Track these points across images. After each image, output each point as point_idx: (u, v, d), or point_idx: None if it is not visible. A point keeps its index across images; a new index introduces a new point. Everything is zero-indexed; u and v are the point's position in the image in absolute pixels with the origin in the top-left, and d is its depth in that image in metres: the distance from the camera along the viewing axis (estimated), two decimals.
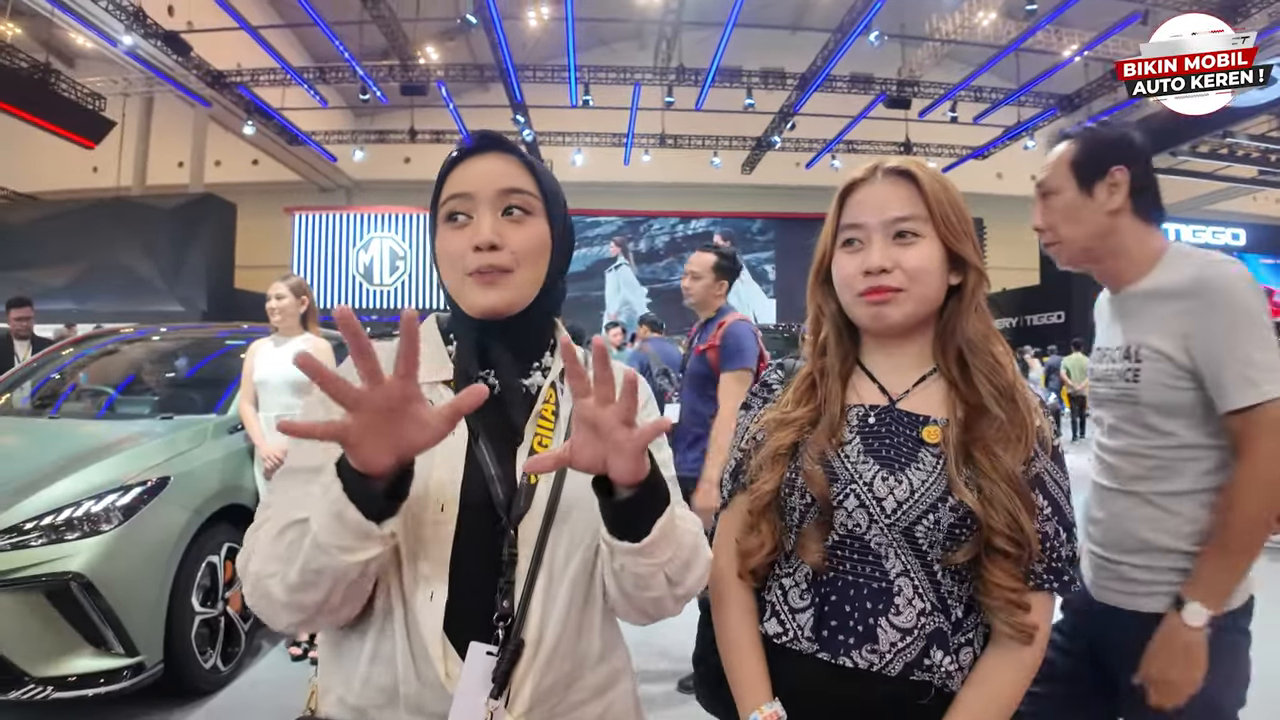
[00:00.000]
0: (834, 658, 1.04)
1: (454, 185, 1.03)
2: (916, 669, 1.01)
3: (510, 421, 1.00)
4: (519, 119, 20.52)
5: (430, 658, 0.90)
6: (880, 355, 1.15)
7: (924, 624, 1.02)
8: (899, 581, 1.03)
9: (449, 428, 0.80)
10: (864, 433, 1.09)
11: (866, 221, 1.09)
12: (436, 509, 0.92)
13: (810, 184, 25.17)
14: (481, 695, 0.89)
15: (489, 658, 0.90)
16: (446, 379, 1.02)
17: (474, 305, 1.00)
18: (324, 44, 18.68)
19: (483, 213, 1.00)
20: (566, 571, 0.97)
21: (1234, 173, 21.65)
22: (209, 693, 3.32)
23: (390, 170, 25.07)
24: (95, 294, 16.87)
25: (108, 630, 2.84)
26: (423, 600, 0.91)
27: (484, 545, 0.94)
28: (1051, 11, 16.22)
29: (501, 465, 0.97)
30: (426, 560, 0.92)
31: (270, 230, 22.62)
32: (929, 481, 1.03)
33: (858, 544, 1.05)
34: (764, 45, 20.23)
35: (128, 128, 19.51)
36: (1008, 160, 24.20)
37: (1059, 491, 1.07)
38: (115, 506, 3.00)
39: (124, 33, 15.12)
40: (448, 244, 1.01)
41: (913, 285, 1.07)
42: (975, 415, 1.05)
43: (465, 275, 0.99)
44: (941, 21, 19.29)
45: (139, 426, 3.71)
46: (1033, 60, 19.22)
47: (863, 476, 1.05)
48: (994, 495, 0.99)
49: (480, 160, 1.04)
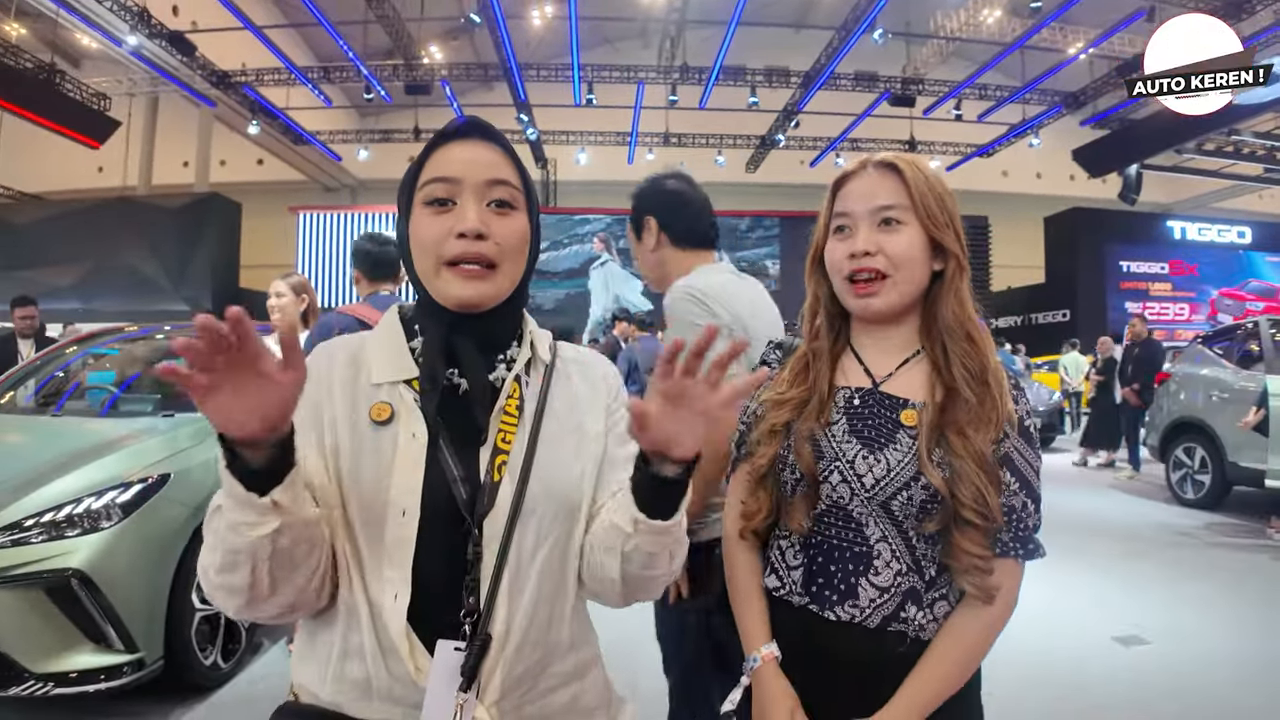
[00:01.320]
0: (821, 610, 1.15)
1: (438, 168, 1.01)
2: (893, 621, 1.13)
3: (474, 419, 0.99)
4: (523, 118, 20.54)
5: (399, 654, 0.91)
6: (868, 338, 1.24)
7: (900, 583, 1.13)
8: (878, 546, 1.14)
9: (292, 376, 0.78)
10: (849, 414, 1.18)
11: (854, 209, 1.19)
12: (398, 514, 0.93)
13: (815, 182, 25.12)
14: (451, 689, 0.91)
15: (457, 654, 0.92)
16: (409, 378, 1.01)
17: (451, 296, 0.98)
18: (328, 43, 18.73)
19: (468, 200, 0.99)
20: (533, 565, 0.97)
21: (1240, 170, 21.59)
22: (209, 689, 3.33)
23: (395, 169, 24.93)
24: (100, 293, 16.93)
25: (108, 627, 2.85)
26: (388, 600, 0.92)
27: (448, 545, 0.94)
28: (1056, 9, 16.18)
29: (464, 465, 0.97)
30: (390, 565, 0.93)
31: (275, 230, 22.67)
32: (904, 461, 1.13)
33: (841, 513, 1.16)
34: (768, 44, 20.22)
35: (133, 128, 19.58)
36: (1013, 158, 24.18)
37: (1027, 468, 1.15)
38: (116, 503, 3.00)
39: (129, 33, 15.17)
40: (426, 228, 0.99)
41: (896, 270, 1.16)
42: (951, 397, 1.14)
43: (442, 263, 0.98)
44: (946, 19, 19.26)
45: (140, 424, 3.71)
46: (1038, 58, 19.18)
47: (845, 455, 1.15)
48: (963, 472, 1.09)
49: (467, 146, 1.03)
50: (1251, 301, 20.53)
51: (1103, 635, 4.08)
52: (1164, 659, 3.83)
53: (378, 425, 0.97)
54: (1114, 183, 20.51)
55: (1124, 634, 4.11)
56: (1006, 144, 23.11)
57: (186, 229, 18.18)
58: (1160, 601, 4.69)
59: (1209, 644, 4.03)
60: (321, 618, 0.96)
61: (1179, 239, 21.19)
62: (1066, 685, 3.47)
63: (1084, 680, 3.47)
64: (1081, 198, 22.65)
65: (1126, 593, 4.75)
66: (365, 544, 0.93)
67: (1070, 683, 3.50)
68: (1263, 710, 3.30)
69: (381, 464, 0.94)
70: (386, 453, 0.95)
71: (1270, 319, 7.42)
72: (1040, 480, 1.18)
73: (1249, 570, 5.43)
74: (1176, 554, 5.88)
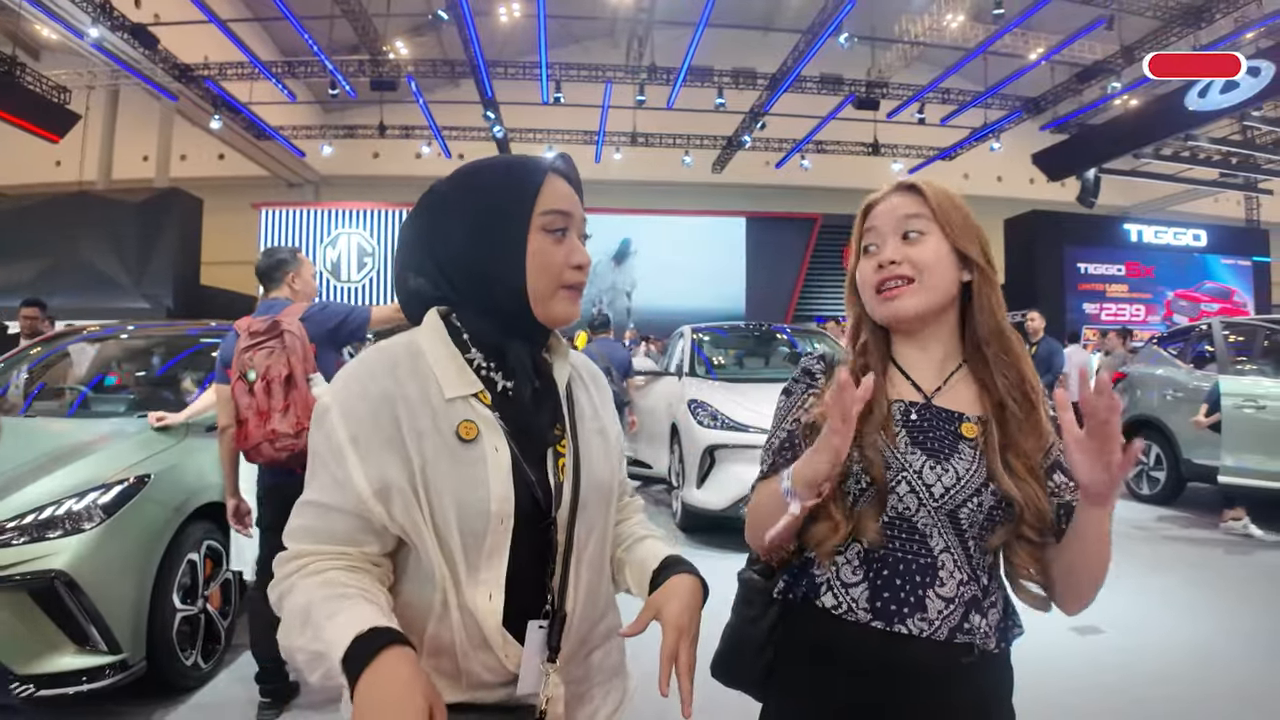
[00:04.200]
0: (889, 625, 1.15)
1: (554, 200, 1.09)
2: (959, 632, 1.15)
3: (537, 426, 1.09)
4: (489, 115, 20.45)
5: (491, 646, 1.02)
6: (910, 352, 1.26)
7: (963, 592, 1.16)
8: (941, 557, 1.17)
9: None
10: (908, 426, 1.20)
11: (879, 226, 1.24)
12: (498, 524, 1.01)
13: (780, 183, 25.36)
14: (538, 660, 1.04)
15: (540, 631, 1.04)
16: (477, 391, 1.06)
17: (561, 315, 1.10)
18: (293, 38, 18.47)
19: (575, 236, 1.11)
20: (587, 550, 1.11)
21: (1196, 175, 22.12)
22: (191, 690, 3.34)
23: (359, 166, 24.87)
24: (58, 291, 16.46)
25: (91, 628, 2.85)
26: (483, 601, 1.01)
27: (530, 542, 1.04)
28: (1018, 15, 16.48)
29: (537, 470, 1.06)
30: (486, 568, 1.02)
31: (237, 226, 22.32)
32: (971, 470, 1.16)
33: (906, 525, 1.17)
34: (735, 45, 20.32)
35: (92, 121, 19.14)
36: (974, 161, 24.51)
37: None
38: (97, 505, 3.01)
39: (91, 25, 14.86)
40: (550, 254, 1.08)
41: (922, 275, 1.19)
42: (1002, 412, 1.18)
43: (560, 287, 1.09)
44: (910, 24, 19.49)
45: (117, 425, 3.71)
46: (1000, 63, 19.49)
47: (912, 465, 1.17)
48: (1025, 490, 1.14)
49: (564, 183, 1.12)
50: (1206, 303, 21.06)
51: (1061, 625, 4.20)
52: (1120, 647, 3.98)
53: (466, 443, 1.02)
54: (1073, 186, 20.96)
55: (1082, 624, 4.24)
56: (968, 147, 23.44)
57: (147, 225, 17.75)
58: (1117, 592, 4.83)
59: (1164, 632, 4.19)
60: (402, 621, 0.99)
61: (1136, 241, 21.62)
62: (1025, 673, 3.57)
63: (1042, 668, 3.57)
64: (1041, 200, 23.04)
65: None
66: (461, 552, 1.00)
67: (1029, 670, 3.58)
68: (1216, 695, 3.44)
69: (478, 479, 1.01)
70: (480, 468, 1.01)
71: (1223, 321, 7.67)
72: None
73: (1202, 562, 5.63)
74: (1133, 547, 6.08)
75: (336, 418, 1.00)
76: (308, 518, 1.01)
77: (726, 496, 5.75)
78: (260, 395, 2.91)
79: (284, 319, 3.03)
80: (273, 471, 3.05)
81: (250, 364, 2.94)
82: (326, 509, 0.99)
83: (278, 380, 2.91)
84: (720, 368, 7.62)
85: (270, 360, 2.93)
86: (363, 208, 23.52)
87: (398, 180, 24.91)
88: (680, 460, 6.40)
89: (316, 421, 1.03)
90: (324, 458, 1.00)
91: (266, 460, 2.96)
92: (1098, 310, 20.65)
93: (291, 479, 3.01)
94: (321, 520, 1.00)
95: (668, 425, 6.80)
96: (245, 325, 3.07)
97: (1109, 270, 21.08)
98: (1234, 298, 21.74)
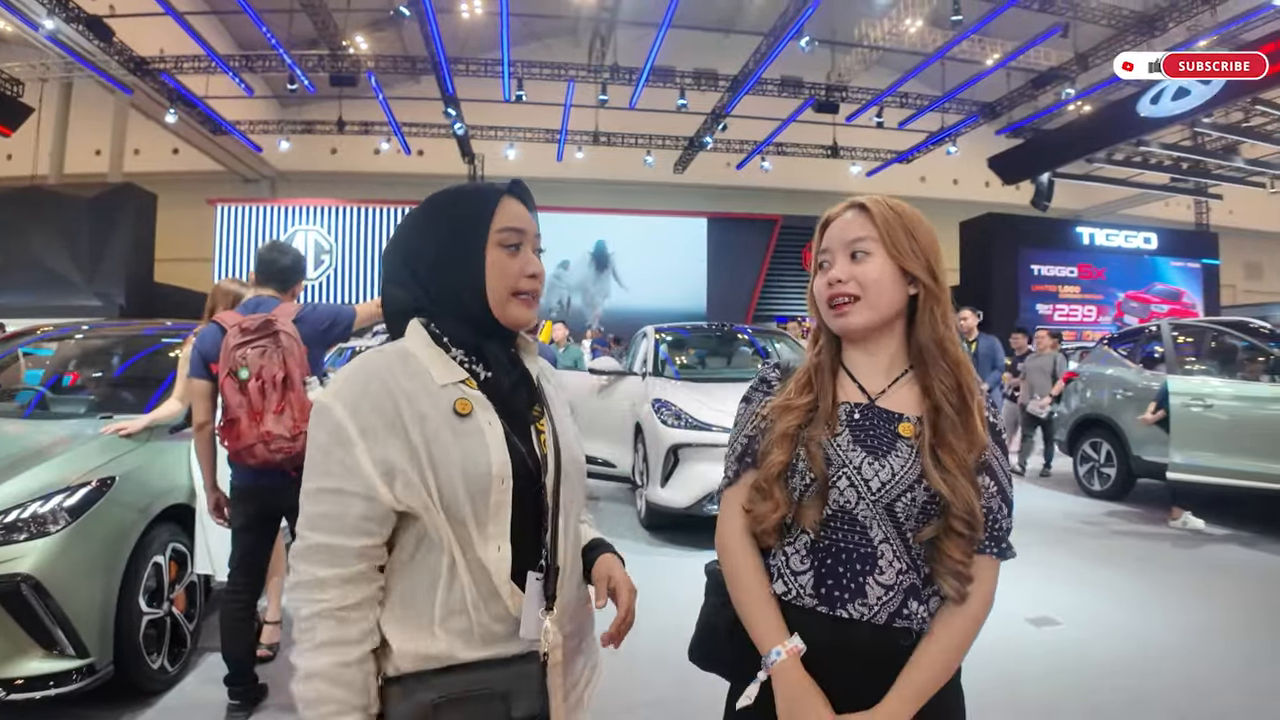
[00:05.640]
0: (832, 610, 1.25)
1: (510, 219, 1.27)
2: (898, 617, 1.24)
3: (518, 406, 1.27)
4: (450, 112, 20.31)
5: (500, 595, 1.17)
6: (858, 355, 1.37)
7: (902, 580, 1.25)
8: (881, 547, 1.25)
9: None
10: (851, 426, 1.30)
11: (832, 245, 1.35)
12: (499, 483, 1.17)
13: (741, 184, 25.54)
14: (537, 610, 1.19)
15: (538, 581, 1.20)
16: (463, 379, 1.23)
17: (516, 318, 1.27)
18: (251, 31, 18.20)
19: (529, 249, 1.29)
20: (571, 511, 1.30)
21: (1147, 179, 22.68)
22: (158, 693, 3.32)
23: (317, 162, 24.59)
24: (8, 288, 16.17)
25: (58, 632, 2.82)
26: (492, 553, 1.17)
27: (523, 505, 1.20)
28: (976, 22, 16.78)
29: (525, 442, 1.24)
30: (494, 523, 1.17)
31: (192, 222, 21.95)
32: (907, 466, 1.25)
33: (847, 517, 1.26)
34: (697, 46, 20.45)
35: (45, 114, 18.69)
36: (931, 165, 24.91)
37: (1002, 473, 1.30)
38: (62, 507, 2.97)
39: (46, 17, 14.52)
40: (507, 265, 1.26)
41: (866, 293, 1.30)
42: (936, 414, 1.27)
43: (512, 293, 1.26)
44: (870, 28, 19.74)
45: (78, 427, 3.66)
46: (957, 68, 19.83)
47: (852, 462, 1.27)
48: (955, 486, 1.23)
49: (518, 204, 1.30)
50: (1156, 304, 21.67)
51: (1017, 617, 4.35)
52: (1074, 638, 4.12)
53: (462, 417, 1.18)
54: (1027, 190, 21.40)
55: (1036, 616, 4.39)
56: (925, 151, 23.81)
57: (99, 220, 17.37)
58: (1070, 585, 5.01)
59: (1116, 624, 4.33)
60: (414, 592, 1.17)
61: (1088, 244, 22.11)
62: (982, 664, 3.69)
63: (999, 659, 3.66)
64: (996, 203, 23.50)
65: (1039, 578, 5.05)
66: (471, 514, 1.15)
67: (985, 661, 3.71)
68: (1166, 685, 3.57)
69: (477, 446, 1.17)
70: (477, 437, 1.18)
71: (1172, 322, 7.91)
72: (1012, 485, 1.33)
73: (1151, 556, 5.82)
74: (1085, 542, 6.26)
75: (342, 412, 1.14)
76: (326, 504, 1.14)
77: (690, 494, 5.82)
78: (254, 395, 2.89)
79: (278, 320, 3.01)
80: (247, 473, 3.04)
81: (243, 361, 2.91)
82: (342, 494, 1.13)
83: (272, 381, 2.90)
84: (683, 368, 7.68)
85: (264, 360, 2.91)
86: (320, 204, 23.25)
87: (356, 176, 24.68)
88: (644, 459, 6.45)
89: (319, 418, 1.16)
90: (330, 448, 1.14)
91: (260, 461, 2.94)
92: (1051, 311, 21.12)
93: (270, 480, 3.01)
94: (339, 506, 1.13)
95: (631, 425, 6.84)
96: (234, 321, 3.04)
97: (1062, 272, 21.56)
98: (1183, 299, 22.36)
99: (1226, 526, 6.60)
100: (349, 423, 1.13)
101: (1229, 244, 24.57)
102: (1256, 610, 4.61)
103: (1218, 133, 18.72)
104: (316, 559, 1.13)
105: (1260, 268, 30.14)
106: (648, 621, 2.19)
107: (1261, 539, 6.26)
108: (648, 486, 6.32)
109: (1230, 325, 7.53)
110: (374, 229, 22.82)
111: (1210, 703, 3.42)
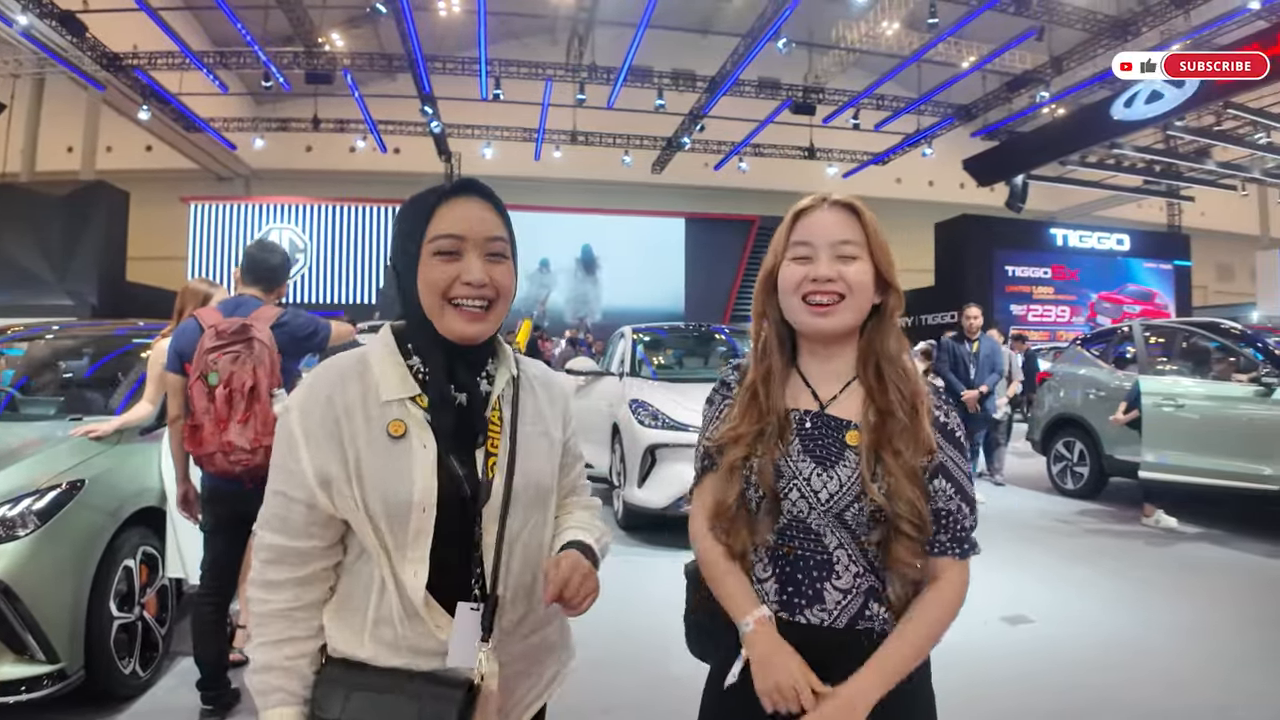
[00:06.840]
0: (792, 616, 1.27)
1: (445, 225, 1.19)
2: (859, 619, 1.26)
3: (469, 427, 1.21)
4: (427, 110, 20.22)
5: (420, 616, 1.15)
6: (814, 361, 1.36)
7: (859, 584, 1.27)
8: (836, 553, 1.27)
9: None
10: (801, 435, 1.31)
11: (815, 240, 1.31)
12: (420, 511, 1.14)
13: (719, 185, 25.61)
14: (472, 640, 1.16)
15: (474, 612, 1.17)
16: (413, 395, 1.19)
17: (455, 331, 1.18)
18: (226, 27, 18.04)
19: (472, 255, 1.19)
20: (520, 540, 1.23)
21: (1120, 181, 22.95)
22: (130, 698, 3.27)
23: (291, 159, 24.39)
24: None
25: (29, 637, 2.78)
26: (409, 577, 1.15)
27: (456, 530, 1.17)
28: (952, 25, 16.91)
29: (465, 466, 1.18)
30: (412, 549, 1.15)
31: (165, 220, 21.73)
32: (852, 477, 1.26)
33: (802, 526, 1.29)
34: (675, 47, 20.49)
35: (16, 111, 18.43)
36: (907, 166, 25.11)
37: (960, 474, 1.30)
38: (31, 511, 2.93)
39: (19, 12, 14.30)
40: (435, 272, 1.17)
41: (851, 295, 1.29)
42: (884, 419, 1.27)
43: (447, 302, 1.18)
44: (847, 30, 19.85)
45: (48, 428, 3.60)
46: (933, 71, 20.00)
47: (802, 473, 1.28)
48: (898, 489, 1.23)
49: (466, 204, 1.21)
50: (1129, 305, 21.94)
51: (991, 615, 4.38)
52: (1047, 636, 4.15)
53: (394, 439, 1.16)
54: (1001, 191, 21.56)
55: (1011, 614, 4.43)
56: (901, 153, 24.01)
57: (71, 218, 17.07)
58: (1044, 583, 5.06)
59: (1089, 621, 4.38)
60: (352, 594, 1.20)
61: (1062, 245, 22.36)
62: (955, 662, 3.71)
63: (973, 657, 3.67)
64: (971, 205, 23.68)
65: (1013, 576, 5.09)
66: (390, 535, 1.14)
67: (960, 659, 3.74)
68: (1139, 681, 3.61)
69: (402, 471, 1.14)
70: (405, 461, 1.15)
71: (1144, 323, 8.00)
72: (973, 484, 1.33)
73: (1124, 554, 5.88)
74: (1058, 540, 6.32)
75: (295, 418, 1.16)
76: (275, 506, 1.18)
77: (667, 495, 5.82)
78: (220, 403, 2.86)
79: (255, 326, 2.98)
80: (218, 476, 3.01)
81: (214, 366, 2.88)
82: (288, 498, 1.16)
83: (240, 391, 2.87)
84: (661, 368, 7.68)
85: (235, 367, 2.88)
86: (295, 202, 23.07)
87: (331, 174, 24.49)
88: (621, 460, 6.44)
89: (280, 421, 1.19)
90: (284, 453, 1.17)
91: (218, 471, 2.92)
92: (1025, 311, 21.33)
93: (237, 485, 2.97)
94: (285, 509, 1.16)
95: (609, 425, 6.83)
96: (211, 321, 3.00)
97: (1036, 273, 21.80)
98: (1155, 300, 22.67)
99: (1199, 525, 6.67)
100: (297, 429, 1.15)
101: (1201, 246, 24.96)
102: (1228, 608, 4.67)
103: (1190, 136, 18.98)
104: (269, 558, 1.18)
105: (1231, 269, 30.55)
106: (625, 621, 2.22)
107: (1233, 537, 6.34)
108: (625, 487, 6.32)
109: (1202, 326, 7.63)
110: (349, 227, 22.69)
111: (1183, 699, 3.46)
